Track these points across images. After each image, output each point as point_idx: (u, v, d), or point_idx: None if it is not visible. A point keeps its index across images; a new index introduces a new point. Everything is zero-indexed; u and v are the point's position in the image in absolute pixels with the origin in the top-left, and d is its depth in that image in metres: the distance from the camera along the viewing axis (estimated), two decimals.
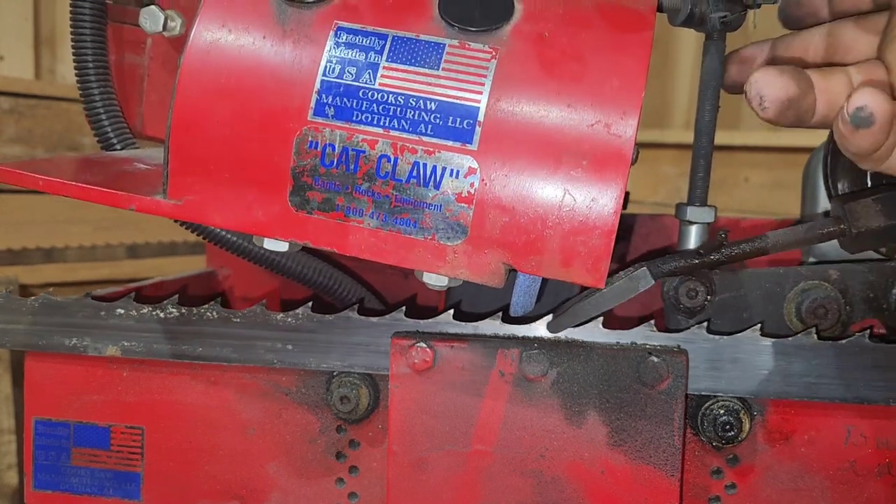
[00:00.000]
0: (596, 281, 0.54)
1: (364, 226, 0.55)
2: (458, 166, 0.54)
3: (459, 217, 0.54)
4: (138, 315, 0.68)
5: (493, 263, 0.55)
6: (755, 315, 0.68)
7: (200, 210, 0.56)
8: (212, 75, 0.55)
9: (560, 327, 0.63)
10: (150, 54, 0.76)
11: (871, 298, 0.68)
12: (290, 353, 0.67)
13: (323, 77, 0.54)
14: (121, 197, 0.56)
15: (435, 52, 0.54)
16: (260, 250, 0.76)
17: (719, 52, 0.69)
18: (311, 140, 0.54)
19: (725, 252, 0.61)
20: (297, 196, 0.55)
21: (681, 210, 0.71)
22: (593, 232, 0.53)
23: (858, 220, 0.57)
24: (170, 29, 0.63)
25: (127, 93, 0.77)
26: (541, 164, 0.53)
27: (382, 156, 0.54)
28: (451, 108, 0.54)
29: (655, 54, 0.55)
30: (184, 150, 0.56)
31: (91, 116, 0.72)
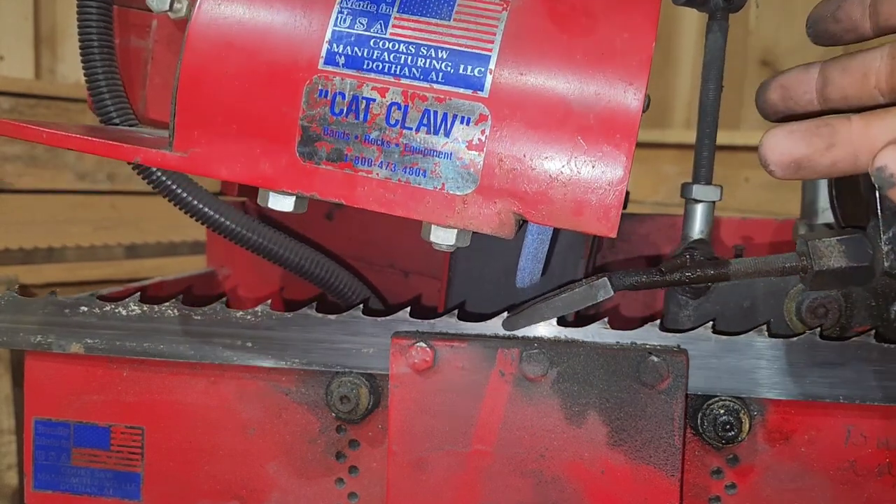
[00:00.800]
0: (608, 229, 0.53)
1: (373, 176, 0.54)
2: (468, 113, 0.53)
3: (469, 166, 0.54)
4: (101, 313, 0.68)
5: (503, 213, 0.54)
6: (756, 306, 0.68)
7: (207, 162, 0.56)
8: (222, 27, 0.55)
9: (515, 326, 0.64)
10: (155, 37, 0.76)
11: (872, 307, 0.68)
12: (248, 351, 0.67)
13: (334, 27, 0.54)
14: (126, 149, 0.56)
15: (446, 3, 0.54)
16: (260, 241, 0.76)
17: (722, 30, 0.69)
18: (322, 88, 0.54)
19: (687, 274, 0.61)
20: (306, 146, 0.55)
21: (686, 189, 0.71)
22: (605, 180, 0.53)
23: (820, 259, 0.58)
24: (176, 10, 0.63)
25: (131, 76, 0.77)
26: (552, 112, 0.53)
27: (392, 104, 0.54)
28: (462, 57, 0.54)
29: (656, 54, 0.55)
30: (191, 102, 0.55)
31: (94, 94, 0.72)
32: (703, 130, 0.70)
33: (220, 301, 0.68)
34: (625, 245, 0.97)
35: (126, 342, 0.68)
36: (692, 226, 0.71)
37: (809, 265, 0.59)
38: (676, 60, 2.43)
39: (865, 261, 0.58)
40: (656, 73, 2.35)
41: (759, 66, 2.34)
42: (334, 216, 1.00)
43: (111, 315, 0.68)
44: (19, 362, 1.41)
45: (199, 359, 0.67)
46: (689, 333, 0.64)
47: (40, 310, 0.69)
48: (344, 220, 1.00)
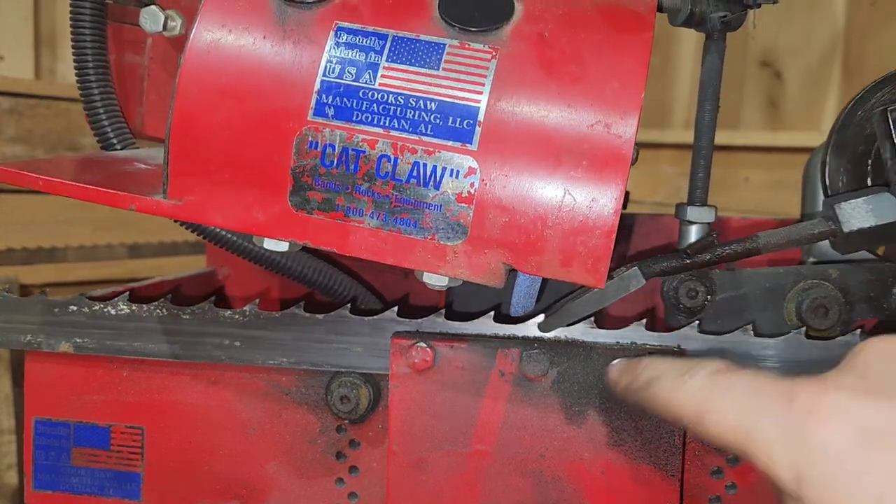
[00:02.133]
0: (596, 281, 0.54)
1: (364, 226, 0.55)
2: (458, 166, 0.54)
3: (459, 217, 0.54)
4: (90, 312, 0.68)
5: (493, 263, 0.55)
6: (755, 315, 0.68)
7: (201, 210, 0.56)
8: (212, 75, 0.55)
9: (551, 327, 0.63)
10: (150, 54, 0.76)
11: (871, 298, 0.68)
12: (237, 350, 0.67)
13: (323, 77, 0.55)
14: (121, 197, 0.56)
15: (435, 52, 0.54)
16: (260, 250, 0.76)
17: (719, 51, 0.69)
18: (312, 140, 0.54)
19: (716, 252, 0.61)
20: (298, 196, 0.55)
21: (681, 210, 0.71)
22: (593, 232, 0.53)
23: (849, 221, 0.57)
24: (170, 29, 0.63)
25: (127, 93, 0.77)
26: (541, 164, 0.53)
27: (382, 156, 0.54)
28: (451, 108, 0.54)
29: (655, 55, 0.54)
30: (184, 150, 0.56)
31: (91, 116, 0.72)
32: (698, 152, 0.70)
33: (208, 300, 0.68)
34: (625, 245, 0.97)
35: (115, 341, 0.68)
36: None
37: (839, 228, 0.58)
38: (676, 61, 2.43)
39: (894, 217, 0.57)
40: (656, 73, 2.35)
41: (759, 66, 2.34)
42: None
43: (100, 314, 0.68)
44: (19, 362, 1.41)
45: (189, 358, 0.68)
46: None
47: (30, 309, 0.69)
48: None
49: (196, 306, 0.68)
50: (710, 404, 0.47)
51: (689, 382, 0.49)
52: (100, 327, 0.68)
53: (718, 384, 0.47)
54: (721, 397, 0.46)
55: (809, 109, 2.31)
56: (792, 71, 2.31)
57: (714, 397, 0.47)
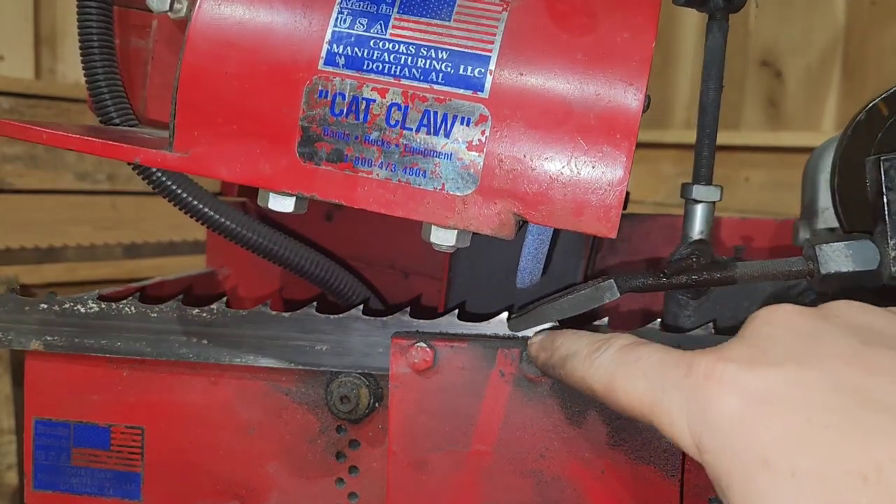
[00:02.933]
0: (608, 230, 0.53)
1: (373, 176, 0.55)
2: (468, 114, 0.53)
3: (470, 166, 0.54)
4: (60, 310, 0.69)
5: (503, 214, 0.54)
6: (756, 306, 0.68)
7: (207, 163, 0.56)
8: (222, 26, 0.55)
9: (519, 328, 0.64)
10: (155, 37, 0.76)
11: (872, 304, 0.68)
12: (204, 348, 0.67)
13: (334, 28, 0.54)
14: (125, 149, 0.56)
15: (446, 3, 0.55)
16: (259, 240, 0.76)
17: (722, 31, 0.69)
18: (321, 89, 0.54)
19: (693, 277, 0.61)
20: (306, 147, 0.55)
21: (686, 189, 0.71)
22: (604, 181, 0.53)
23: (827, 263, 0.58)
24: (176, 10, 0.63)
25: (131, 76, 0.77)
26: (552, 113, 0.53)
27: (393, 104, 0.54)
28: (462, 57, 0.54)
29: (656, 55, 0.55)
30: (191, 102, 0.55)
31: (94, 94, 0.72)
32: (703, 130, 0.70)
33: (176, 299, 0.68)
34: (625, 245, 0.97)
35: (84, 339, 0.68)
36: (692, 226, 0.71)
37: (816, 269, 0.59)
38: (676, 61, 2.43)
39: (872, 265, 0.58)
40: (656, 73, 2.35)
41: (759, 66, 2.34)
42: (334, 217, 1.00)
43: (70, 312, 0.69)
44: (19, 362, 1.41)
45: (156, 356, 0.68)
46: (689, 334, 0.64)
47: (1, 308, 0.69)
48: (344, 221, 1.00)
49: (164, 304, 0.68)
50: (618, 377, 0.49)
51: (600, 357, 0.51)
52: (70, 325, 0.69)
53: (627, 357, 0.50)
54: (629, 370, 0.49)
55: (809, 109, 2.31)
56: (792, 71, 2.31)
57: (622, 370, 0.49)
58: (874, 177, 0.59)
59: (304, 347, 0.66)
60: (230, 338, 0.67)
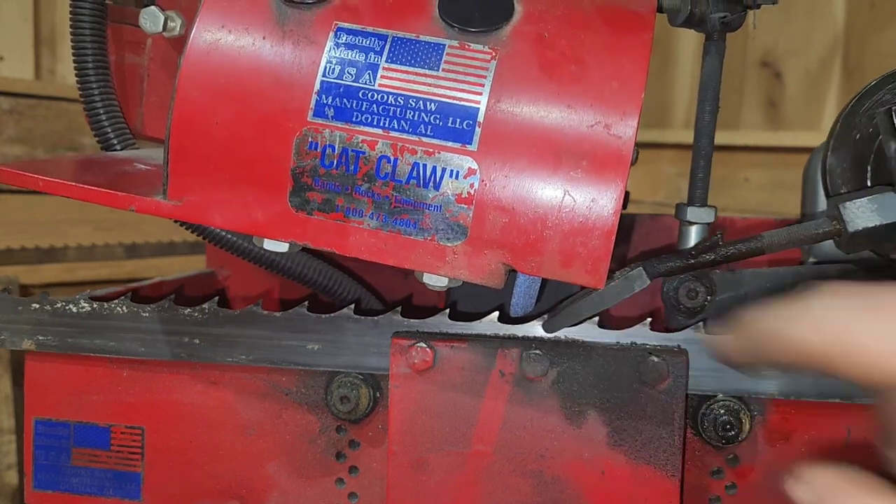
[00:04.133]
0: (596, 282, 0.54)
1: (364, 226, 0.55)
2: (457, 167, 0.54)
3: (459, 218, 0.54)
4: (52, 310, 0.69)
5: (492, 264, 0.55)
6: None
7: (201, 211, 0.56)
8: (212, 76, 0.55)
9: (555, 327, 0.63)
10: (150, 55, 0.76)
11: None
12: (197, 348, 0.67)
13: (323, 78, 0.55)
14: (121, 198, 0.56)
15: (435, 52, 0.54)
16: (259, 250, 0.76)
17: (719, 52, 0.69)
18: (311, 141, 0.54)
19: (721, 252, 0.61)
20: (297, 197, 0.55)
21: (681, 210, 0.71)
22: (593, 233, 0.53)
23: (854, 221, 0.57)
24: (170, 30, 0.63)
25: (127, 93, 0.77)
26: (541, 164, 0.53)
27: (382, 156, 0.54)
28: (450, 109, 0.54)
29: (655, 55, 0.55)
30: (184, 150, 0.56)
31: (91, 117, 0.72)
32: (698, 153, 0.70)
33: (168, 298, 0.68)
34: (625, 245, 0.97)
35: (77, 339, 0.69)
36: (686, 247, 0.71)
37: (843, 228, 0.58)
38: (676, 61, 2.43)
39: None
40: (656, 73, 2.35)
41: (759, 66, 2.34)
42: None
43: (62, 312, 0.69)
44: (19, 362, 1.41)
45: (149, 356, 0.68)
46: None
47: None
48: None
49: (157, 304, 0.68)
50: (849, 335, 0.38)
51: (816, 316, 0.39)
52: (62, 325, 0.69)
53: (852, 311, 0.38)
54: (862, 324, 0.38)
55: (809, 109, 2.31)
56: (792, 71, 2.31)
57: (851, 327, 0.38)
58: (887, 126, 0.57)
59: (297, 347, 0.67)
60: (224, 338, 0.67)
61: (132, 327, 0.68)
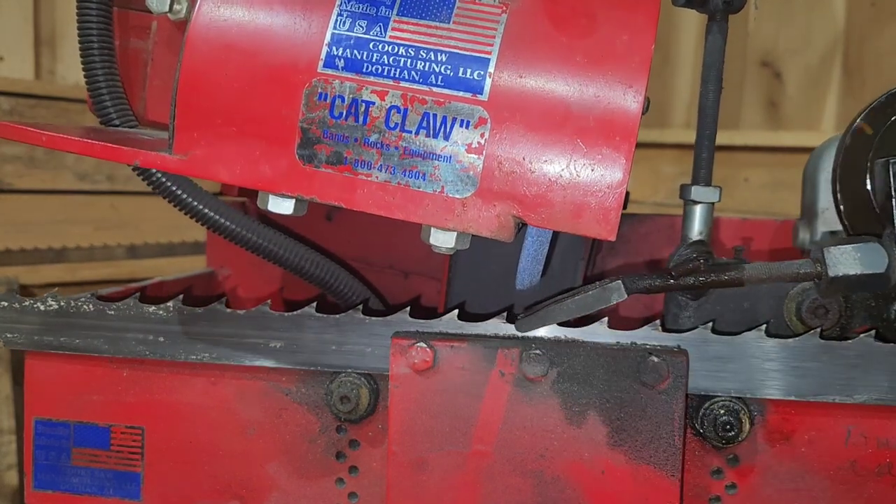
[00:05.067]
0: (607, 233, 0.53)
1: (372, 179, 0.55)
2: (468, 116, 0.53)
3: (469, 169, 0.54)
4: (20, 308, 0.69)
5: (502, 216, 0.54)
6: (756, 306, 0.68)
7: (206, 165, 0.56)
8: (222, 29, 0.55)
9: (528, 327, 0.64)
10: (155, 39, 0.76)
11: (872, 307, 0.68)
12: (160, 345, 0.68)
13: (334, 30, 0.55)
14: (125, 152, 0.56)
15: (446, 5, 0.55)
16: (259, 241, 0.76)
17: (722, 32, 0.69)
18: (321, 92, 0.54)
19: (700, 279, 0.61)
20: (305, 149, 0.55)
21: (685, 190, 0.71)
22: (603, 183, 0.53)
23: (835, 266, 0.58)
24: (175, 12, 0.63)
25: (131, 78, 0.77)
26: (551, 115, 0.53)
27: (392, 107, 0.54)
28: (462, 60, 0.54)
29: (656, 55, 0.55)
30: (191, 104, 0.55)
31: (94, 95, 0.72)
32: (702, 131, 0.70)
33: (133, 297, 0.68)
34: (625, 245, 0.97)
35: (44, 337, 0.69)
36: (691, 227, 0.71)
37: (824, 271, 0.59)
38: (676, 60, 2.43)
39: (881, 268, 0.58)
40: (656, 73, 2.35)
41: (759, 66, 2.34)
42: (334, 217, 1.00)
43: (30, 310, 0.69)
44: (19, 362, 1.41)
45: (113, 353, 0.68)
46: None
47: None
48: (344, 222, 1.00)
49: (121, 302, 0.68)
50: None
51: None
52: (29, 322, 0.69)
53: None
54: None
55: (809, 109, 2.31)
56: (792, 71, 2.31)
57: None
58: (882, 179, 0.58)
59: (259, 345, 0.67)
60: (186, 335, 0.68)
61: (97, 325, 0.68)
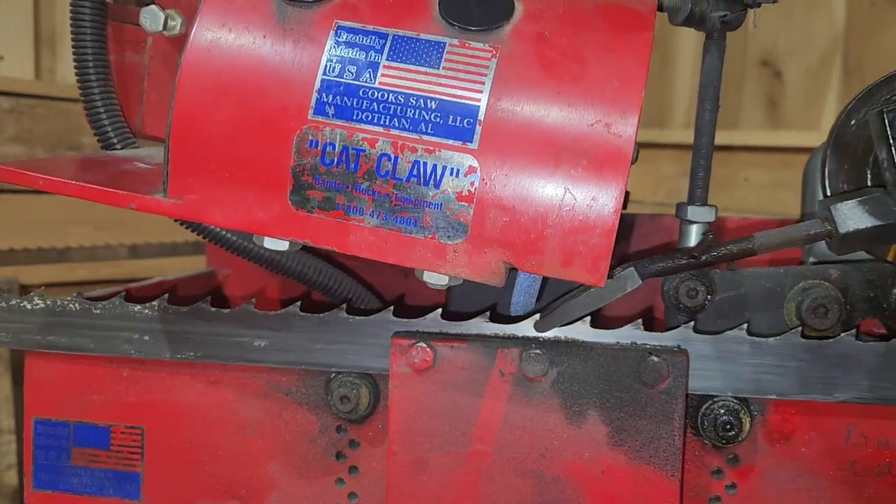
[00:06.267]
0: (596, 280, 0.54)
1: (364, 224, 0.55)
2: (458, 165, 0.54)
3: (460, 216, 0.54)
4: (7, 307, 0.69)
5: (493, 262, 0.55)
6: (755, 315, 0.68)
7: (201, 209, 0.56)
8: (212, 74, 0.55)
9: (548, 326, 0.64)
10: (151, 53, 0.76)
11: (872, 298, 0.68)
12: (146, 344, 0.68)
13: (323, 76, 0.55)
14: (121, 196, 0.56)
15: (435, 50, 0.54)
16: (260, 249, 0.76)
17: (719, 51, 0.69)
18: (312, 139, 0.54)
19: (713, 253, 0.61)
20: (298, 195, 0.55)
21: (681, 209, 0.71)
22: (594, 231, 0.53)
23: (845, 222, 0.58)
24: (170, 28, 0.63)
25: (127, 92, 0.77)
26: (541, 162, 0.53)
27: (383, 154, 0.54)
28: (451, 107, 0.54)
29: (655, 54, 0.54)
30: (184, 149, 0.56)
31: (91, 116, 0.72)
32: (698, 151, 0.70)
33: (118, 296, 0.69)
34: (624, 245, 0.97)
35: (31, 335, 0.69)
36: (686, 245, 0.71)
37: (835, 229, 0.58)
38: (676, 60, 2.43)
39: (891, 218, 0.57)
40: (655, 73, 2.35)
41: (759, 66, 2.34)
42: None
43: (17, 309, 0.69)
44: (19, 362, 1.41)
45: (99, 352, 0.69)
46: None
47: None
48: None
49: (107, 301, 0.68)
50: None
51: None
52: (17, 321, 0.69)
53: None
54: None
55: (809, 109, 2.31)
56: (792, 71, 2.31)
57: None
58: (879, 129, 0.58)
59: (245, 343, 0.67)
60: (172, 334, 0.68)
61: (83, 324, 0.69)
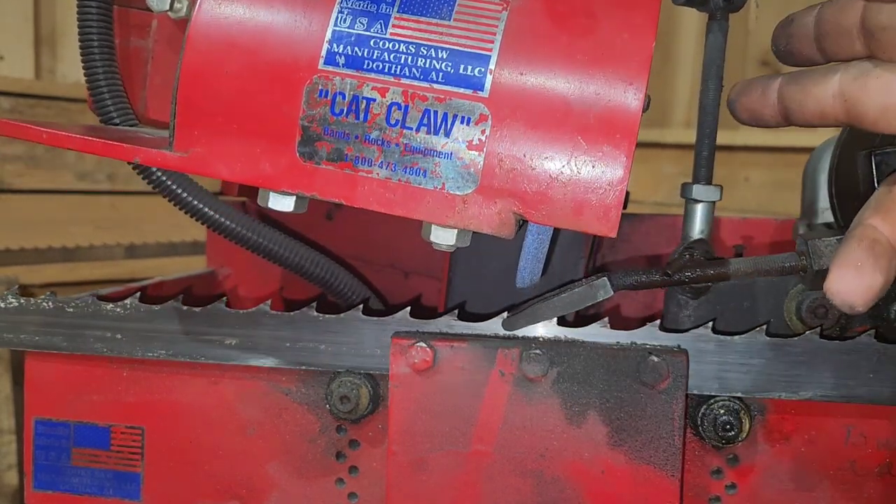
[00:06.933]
0: (608, 230, 0.53)
1: (373, 176, 0.55)
2: (469, 113, 0.53)
3: (470, 165, 0.54)
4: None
5: (503, 213, 0.54)
6: (757, 306, 0.68)
7: (207, 162, 0.56)
8: (222, 26, 0.55)
9: (515, 326, 0.64)
10: (155, 37, 0.76)
11: (873, 307, 0.68)
12: (118, 343, 0.68)
13: (335, 27, 0.55)
14: (125, 149, 0.56)
15: (446, 2, 0.55)
16: (260, 240, 0.76)
17: (722, 30, 0.69)
18: (322, 89, 0.54)
19: (686, 274, 0.61)
20: (306, 146, 0.55)
21: (686, 189, 0.71)
22: (605, 180, 0.53)
23: (820, 259, 0.58)
24: (176, 10, 0.63)
25: (132, 76, 0.77)
26: (552, 112, 0.53)
27: (393, 104, 0.54)
28: (462, 57, 0.54)
29: (655, 54, 0.55)
30: (191, 101, 0.55)
31: (94, 94, 0.72)
32: (702, 130, 0.70)
33: (91, 294, 0.69)
34: (625, 245, 0.97)
35: (4, 334, 0.69)
36: (692, 226, 0.71)
37: (809, 265, 0.59)
38: (676, 60, 2.43)
39: None
40: (656, 73, 2.35)
41: (759, 66, 2.34)
42: (334, 216, 1.01)
43: None
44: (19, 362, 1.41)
45: (72, 350, 0.69)
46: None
47: None
48: (344, 221, 1.00)
49: (79, 299, 0.69)
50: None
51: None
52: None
53: None
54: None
55: None
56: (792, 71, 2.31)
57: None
58: (865, 171, 0.58)
59: (214, 342, 0.67)
60: (144, 332, 0.68)
61: (55, 322, 0.69)
